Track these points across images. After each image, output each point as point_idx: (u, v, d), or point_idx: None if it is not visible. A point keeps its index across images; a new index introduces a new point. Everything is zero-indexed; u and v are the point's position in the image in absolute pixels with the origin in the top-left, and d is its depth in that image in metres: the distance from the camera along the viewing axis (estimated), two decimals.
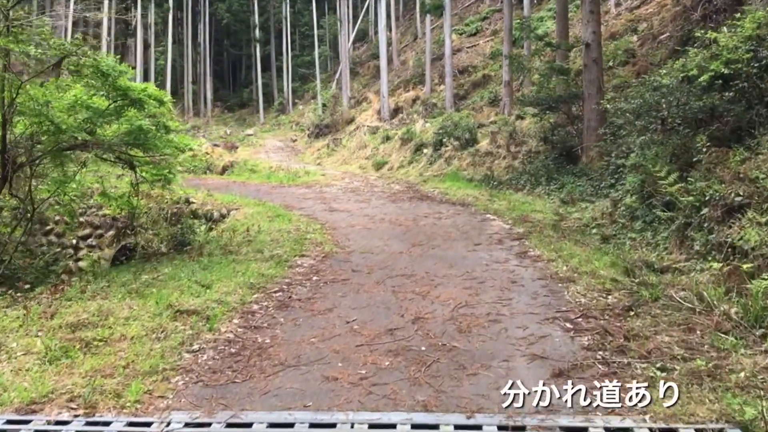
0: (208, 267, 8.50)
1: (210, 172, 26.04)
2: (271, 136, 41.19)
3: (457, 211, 13.19)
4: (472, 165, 19.41)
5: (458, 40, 37.32)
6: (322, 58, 48.86)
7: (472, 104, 28.24)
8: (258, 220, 11.97)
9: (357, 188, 17.10)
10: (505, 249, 9.69)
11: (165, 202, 13.97)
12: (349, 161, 26.79)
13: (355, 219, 12.35)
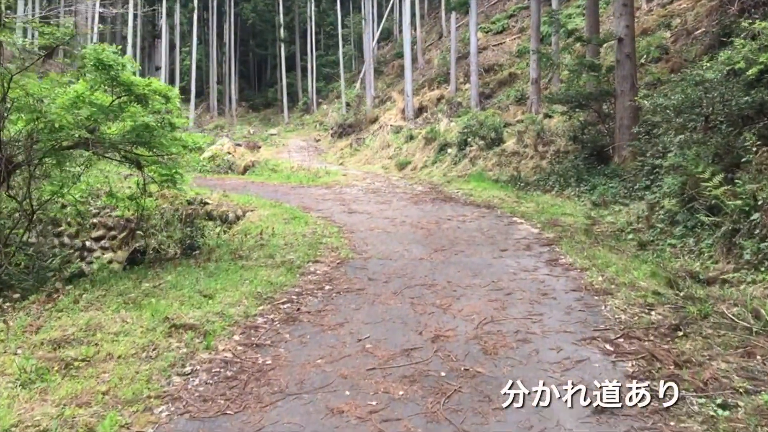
0: (214, 274, 7.89)
1: (232, 171, 25.60)
2: (295, 135, 40.69)
3: (482, 213, 12.47)
4: (498, 165, 18.65)
5: (484, 38, 36.52)
6: (346, 57, 48.31)
7: (498, 103, 27.44)
8: (273, 222, 11.36)
9: (378, 189, 16.44)
10: (534, 256, 8.95)
11: (179, 202, 13.45)
12: (372, 161, 26.13)
13: (374, 222, 11.69)
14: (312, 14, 49.06)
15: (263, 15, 55.37)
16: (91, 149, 8.13)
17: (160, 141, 8.35)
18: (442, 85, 34.17)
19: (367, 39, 39.11)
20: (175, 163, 8.99)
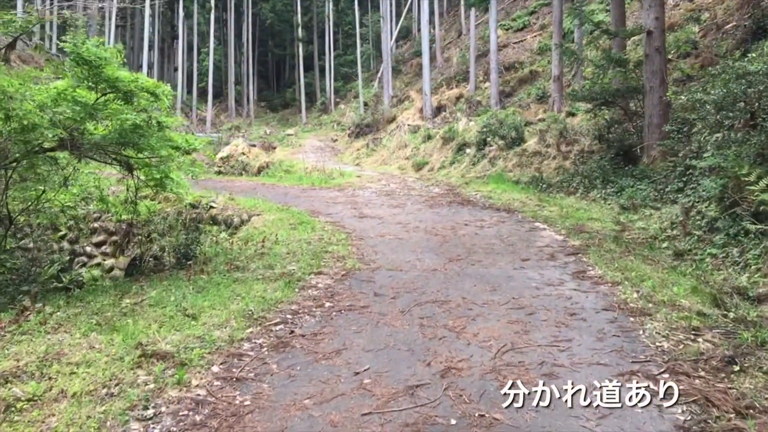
0: (204, 289, 7.10)
1: (246, 172, 24.94)
2: (312, 136, 39.99)
3: (501, 218, 11.59)
4: (519, 166, 17.74)
5: (504, 36, 35.57)
6: (364, 56, 47.54)
7: (518, 101, 26.52)
8: (278, 228, 10.58)
9: (392, 191, 15.60)
10: (559, 267, 8.06)
11: (183, 206, 12.73)
12: (389, 161, 25.30)
13: (386, 227, 10.85)
14: (330, 13, 48.35)
15: (282, 15, 54.80)
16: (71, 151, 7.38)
17: (148, 142, 7.59)
18: (461, 84, 33.30)
19: (385, 37, 38.28)
20: (166, 166, 8.21)
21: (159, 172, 8.23)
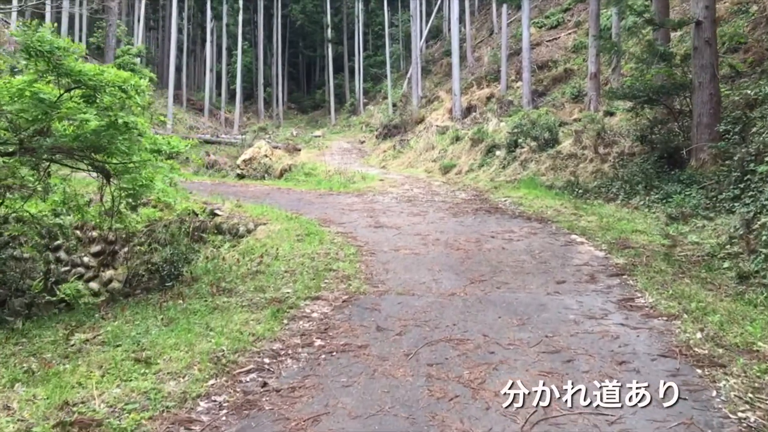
0: (174, 320, 5.92)
1: (268, 175, 23.91)
2: (341, 137, 38.89)
3: (533, 229, 10.23)
4: (553, 169, 16.30)
5: (537, 34, 34.02)
6: (394, 57, 46.31)
7: (552, 101, 25.01)
8: (282, 240, 9.39)
9: (415, 197, 14.32)
10: (601, 292, 6.72)
11: (187, 213, 11.63)
12: (415, 164, 24.01)
13: (402, 239, 9.59)
14: (360, 14, 47.22)
15: (312, 16, 53.86)
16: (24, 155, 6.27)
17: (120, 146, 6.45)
18: (492, 84, 31.85)
19: (414, 36, 36.97)
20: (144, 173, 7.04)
21: (140, 179, 7.08)
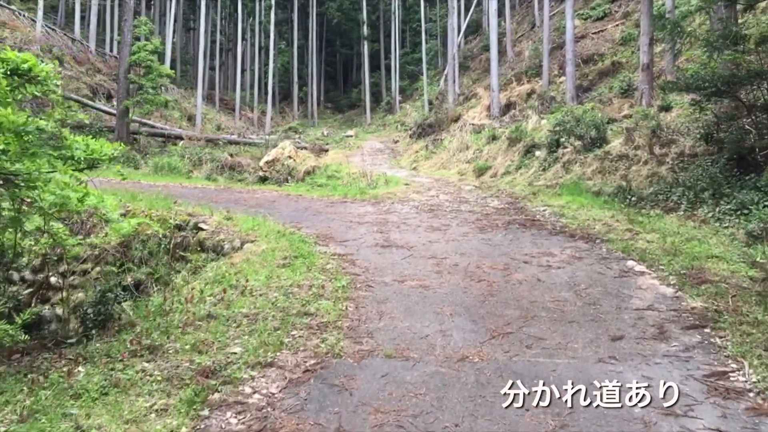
0: (35, 413, 3.97)
1: (291, 177, 22.08)
2: (375, 137, 36.94)
3: (577, 251, 8.05)
4: (600, 172, 14.01)
5: (582, 26, 31.52)
6: (431, 53, 44.14)
7: (598, 96, 22.57)
8: (262, 265, 7.44)
9: (439, 206, 12.22)
10: (676, 359, 4.59)
11: (168, 227, 9.80)
12: (448, 165, 21.88)
13: (412, 265, 7.53)
14: (397, 10, 45.18)
15: (349, 13, 52.03)
16: None
17: None
18: (533, 79, 29.47)
19: (451, 31, 34.72)
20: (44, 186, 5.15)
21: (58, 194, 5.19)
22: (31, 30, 29.11)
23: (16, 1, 33.16)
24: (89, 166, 5.42)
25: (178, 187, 14.39)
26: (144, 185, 14.09)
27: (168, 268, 9.48)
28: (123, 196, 10.84)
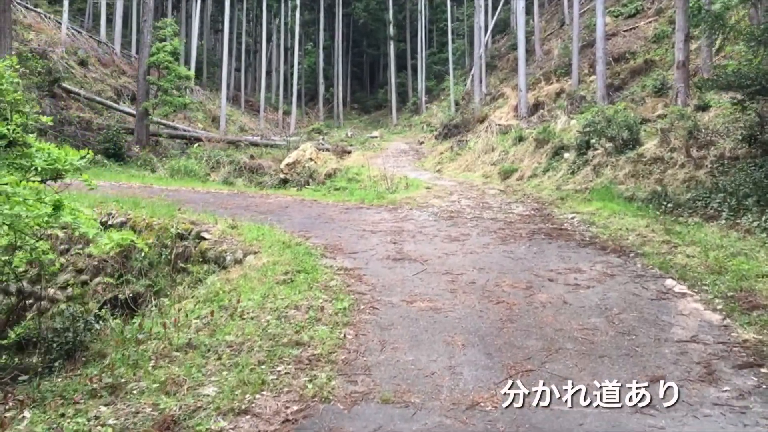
0: None
1: (313, 180, 21.49)
2: (400, 138, 36.20)
3: (609, 267, 7.22)
4: (633, 176, 13.09)
5: (613, 23, 30.43)
6: (458, 53, 43.22)
7: (630, 95, 21.53)
8: (261, 281, 6.76)
9: (460, 212, 11.44)
10: (730, 410, 3.79)
11: (169, 236, 9.20)
12: (473, 167, 21.04)
13: (424, 282, 6.78)
14: (424, 9, 44.36)
15: (375, 14, 51.36)
16: None
17: None
18: (563, 78, 28.44)
19: (478, 30, 33.81)
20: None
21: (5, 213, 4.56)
22: (56, 32, 28.96)
23: (44, 4, 33.09)
24: (52, 177, 4.79)
25: (189, 192, 13.83)
26: (155, 190, 13.56)
27: (169, 280, 8.89)
28: (125, 203, 10.26)
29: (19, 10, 28.50)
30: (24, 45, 24.71)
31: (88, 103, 25.67)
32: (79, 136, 18.47)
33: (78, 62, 28.28)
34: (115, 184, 14.23)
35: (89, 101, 25.64)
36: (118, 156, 19.23)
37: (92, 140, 19.09)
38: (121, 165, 18.85)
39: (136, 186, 14.27)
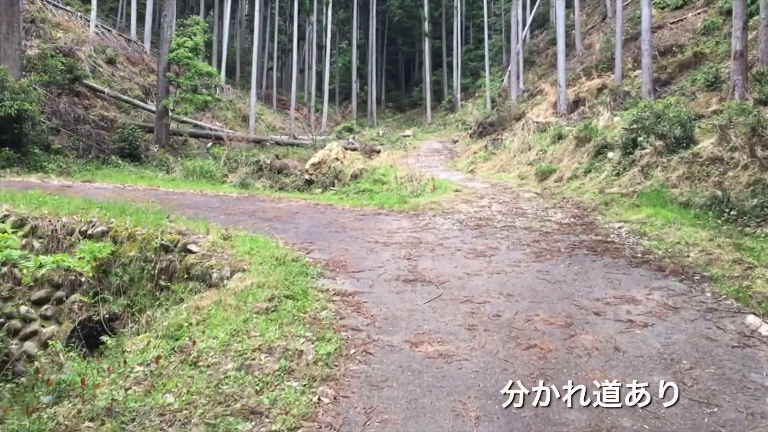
0: None
1: (339, 181, 20.27)
2: (434, 136, 34.70)
3: (669, 294, 5.71)
4: (688, 179, 11.44)
5: (659, 15, 28.46)
6: (495, 48, 41.52)
7: (679, 90, 19.68)
8: (235, 311, 5.44)
9: (489, 219, 9.98)
10: None
11: (152, 248, 7.98)
12: (508, 168, 19.48)
13: (436, 314, 5.38)
14: (460, 5, 42.73)
15: (410, 10, 49.96)
16: None
17: None
18: (605, 73, 26.63)
19: (515, 24, 32.11)
20: None
21: None
22: (84, 31, 28.26)
23: (76, 2, 32.52)
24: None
25: (195, 196, 12.63)
26: (159, 193, 12.42)
27: (150, 298, 7.67)
28: (112, 209, 9.06)
29: (48, 9, 27.89)
30: (50, 43, 23.98)
31: (115, 102, 24.86)
32: (93, 135, 17.52)
33: (106, 60, 27.54)
34: (119, 186, 13.16)
35: (116, 100, 24.83)
36: (134, 156, 18.21)
37: (107, 139, 18.12)
38: (137, 165, 17.83)
39: (140, 188, 13.16)
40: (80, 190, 12.18)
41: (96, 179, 14.40)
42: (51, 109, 17.10)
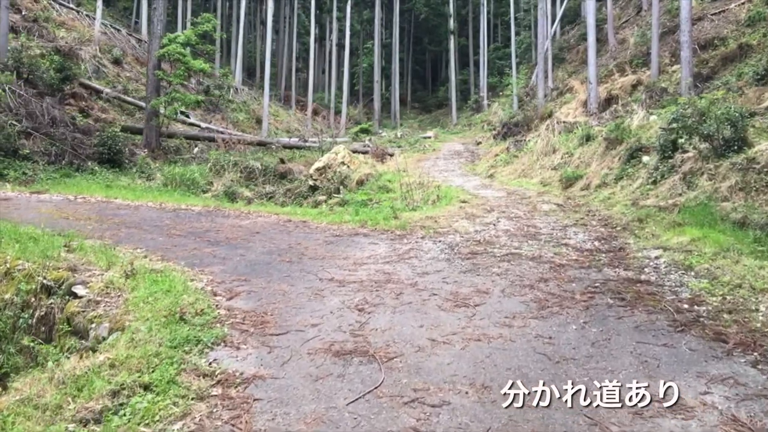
0: None
1: (344, 187, 18.21)
2: (458, 138, 32.44)
3: (738, 390, 3.50)
4: (742, 190, 9.07)
5: (699, 7, 25.77)
6: (523, 46, 38.99)
7: (722, 85, 17.13)
8: (40, 422, 3.44)
9: (490, 243, 7.78)
10: None
11: (31, 290, 6.00)
12: (530, 172, 17.18)
13: (360, 429, 3.27)
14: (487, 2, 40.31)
15: (437, 8, 47.67)
16: None
17: None
18: (640, 69, 24.09)
19: (542, 19, 29.62)
20: None
21: None
22: (90, 30, 26.75)
23: (89, 3, 31.14)
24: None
25: (151, 210, 10.66)
26: (111, 206, 10.50)
27: (27, 357, 5.70)
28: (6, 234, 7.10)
29: (54, 8, 26.46)
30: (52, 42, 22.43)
31: (119, 104, 23.22)
32: (68, 139, 15.72)
33: (112, 60, 25.97)
34: (69, 198, 11.29)
35: (119, 101, 23.18)
36: (114, 161, 16.33)
37: (86, 143, 16.33)
38: (116, 172, 15.97)
39: (92, 200, 11.26)
40: (18, 203, 10.34)
41: (50, 190, 12.51)
42: (26, 110, 15.39)
